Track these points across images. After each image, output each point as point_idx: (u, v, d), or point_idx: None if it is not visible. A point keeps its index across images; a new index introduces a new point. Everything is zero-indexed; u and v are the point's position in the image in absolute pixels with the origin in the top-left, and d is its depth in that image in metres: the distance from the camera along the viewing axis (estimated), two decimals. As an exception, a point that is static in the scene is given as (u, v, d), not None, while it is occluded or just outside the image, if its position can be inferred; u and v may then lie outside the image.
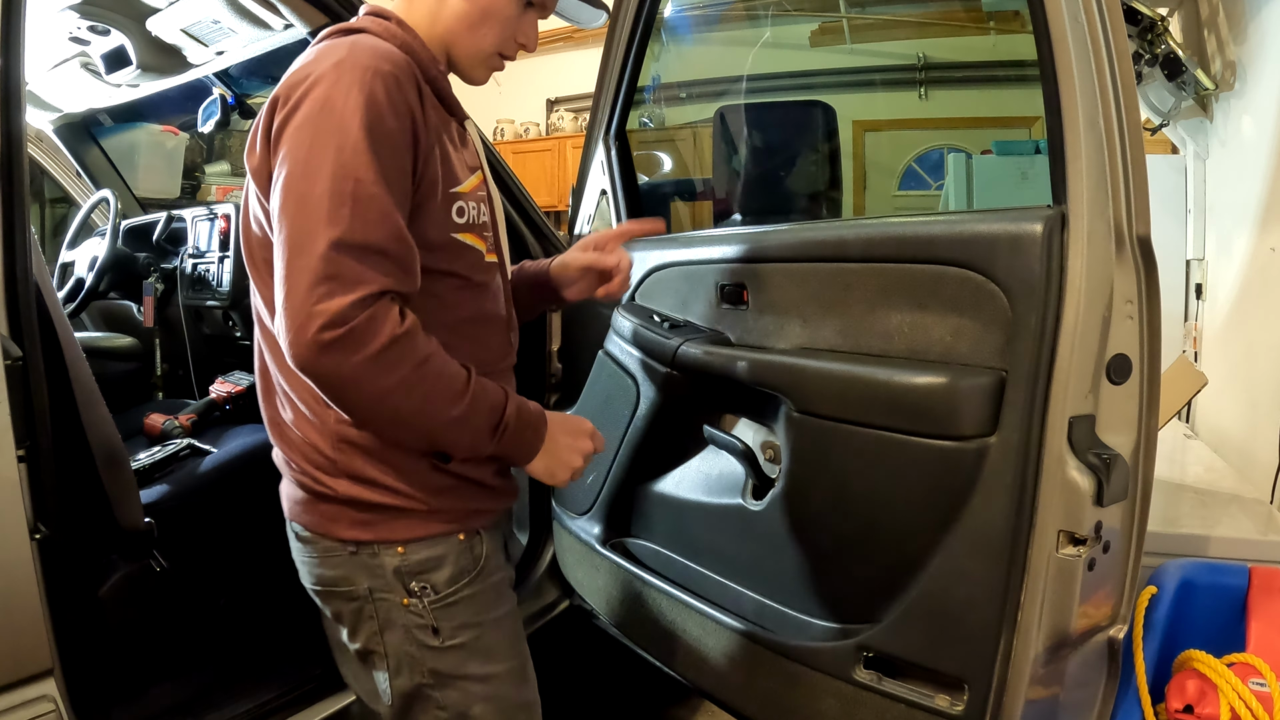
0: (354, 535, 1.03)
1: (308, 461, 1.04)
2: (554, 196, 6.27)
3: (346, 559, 1.04)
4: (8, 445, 1.07)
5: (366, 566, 1.04)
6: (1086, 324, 1.01)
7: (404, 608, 1.04)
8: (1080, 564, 1.03)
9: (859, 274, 1.24)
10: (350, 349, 0.87)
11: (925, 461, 1.11)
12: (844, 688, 1.24)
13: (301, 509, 1.07)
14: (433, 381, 0.94)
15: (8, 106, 1.10)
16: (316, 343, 0.86)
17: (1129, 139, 1.01)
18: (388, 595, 1.04)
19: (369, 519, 1.03)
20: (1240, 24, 2.24)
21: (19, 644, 1.11)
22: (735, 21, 3.43)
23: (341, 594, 1.06)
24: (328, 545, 1.05)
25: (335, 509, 1.04)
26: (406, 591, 1.04)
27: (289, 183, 0.91)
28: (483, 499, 1.09)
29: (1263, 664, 1.22)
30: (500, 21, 1.07)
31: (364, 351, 0.87)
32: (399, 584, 1.04)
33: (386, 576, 1.03)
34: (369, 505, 1.02)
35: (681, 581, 1.58)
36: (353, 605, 1.06)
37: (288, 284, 0.88)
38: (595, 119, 1.92)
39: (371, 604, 1.04)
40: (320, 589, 1.09)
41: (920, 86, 3.46)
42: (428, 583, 1.04)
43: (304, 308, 0.87)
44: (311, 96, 0.92)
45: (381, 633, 1.05)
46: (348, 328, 0.86)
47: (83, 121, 2.88)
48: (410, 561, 1.04)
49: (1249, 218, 2.20)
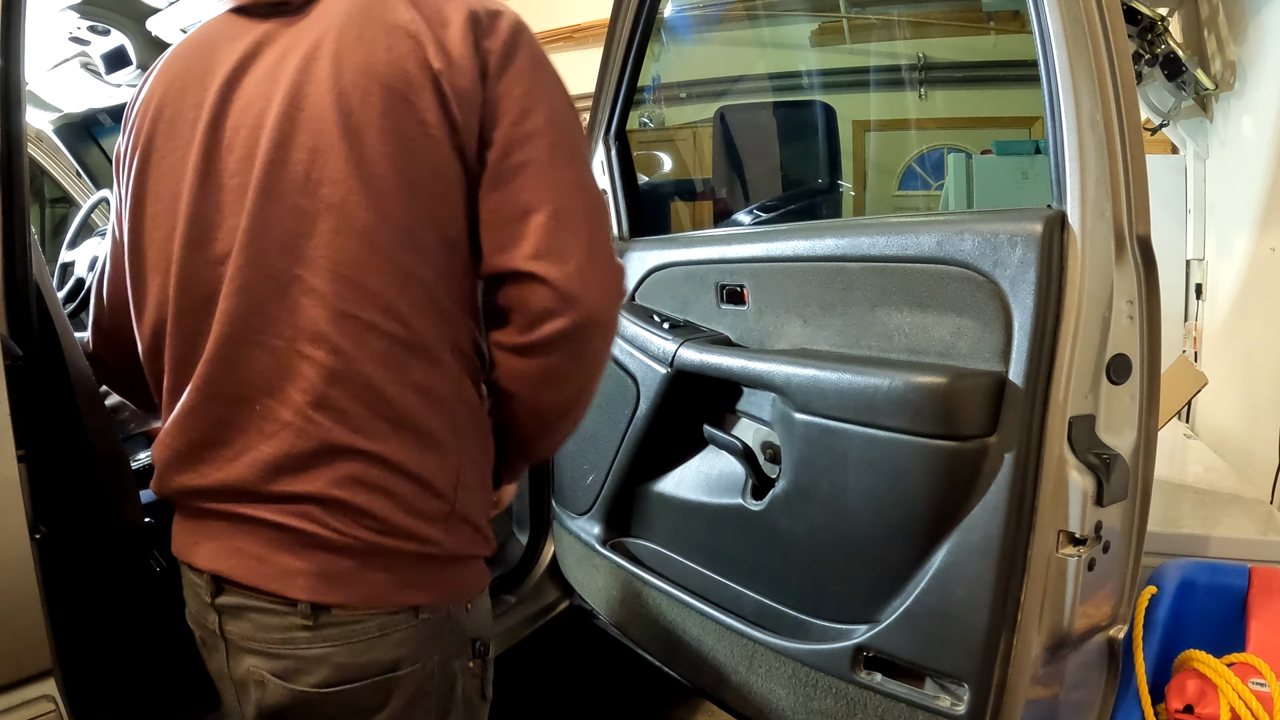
0: (432, 599, 0.85)
1: (406, 510, 0.82)
2: (554, 196, 6.26)
3: (415, 628, 0.84)
4: (8, 445, 1.07)
5: (440, 633, 0.86)
6: (1086, 324, 1.01)
7: (469, 672, 0.90)
8: (1080, 564, 1.03)
9: (859, 274, 1.24)
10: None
11: (925, 461, 1.11)
12: (844, 688, 1.24)
13: (345, 580, 0.82)
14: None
15: (8, 106, 1.10)
16: (622, 296, 0.87)
17: (1129, 139, 1.01)
18: (458, 663, 0.89)
19: (449, 574, 0.88)
20: (1240, 24, 2.24)
21: (19, 644, 1.11)
22: (735, 21, 3.43)
23: (401, 679, 0.84)
24: (385, 620, 0.83)
25: (421, 573, 0.85)
26: (472, 652, 0.90)
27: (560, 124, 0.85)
28: None
29: (1263, 664, 1.21)
30: None
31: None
32: (468, 646, 0.90)
33: (460, 640, 0.89)
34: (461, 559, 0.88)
35: (681, 581, 1.58)
36: (413, 690, 0.85)
37: (593, 230, 0.84)
38: (595, 119, 1.92)
39: (437, 679, 0.87)
40: (359, 685, 0.84)
41: (920, 86, 3.46)
42: (481, 639, 0.92)
43: (613, 266, 0.85)
44: (526, 40, 0.86)
45: (445, 709, 0.89)
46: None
47: (83, 121, 2.88)
48: (476, 619, 0.91)
49: (1249, 218, 2.19)
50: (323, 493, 0.80)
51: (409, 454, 0.82)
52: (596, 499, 1.76)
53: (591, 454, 1.75)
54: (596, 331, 0.83)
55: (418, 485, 0.82)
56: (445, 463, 0.84)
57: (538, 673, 2.15)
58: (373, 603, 0.82)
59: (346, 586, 0.82)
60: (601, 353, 0.87)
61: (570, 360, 0.84)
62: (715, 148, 2.51)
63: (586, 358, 0.85)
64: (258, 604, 0.83)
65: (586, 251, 0.81)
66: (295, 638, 0.83)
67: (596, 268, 0.82)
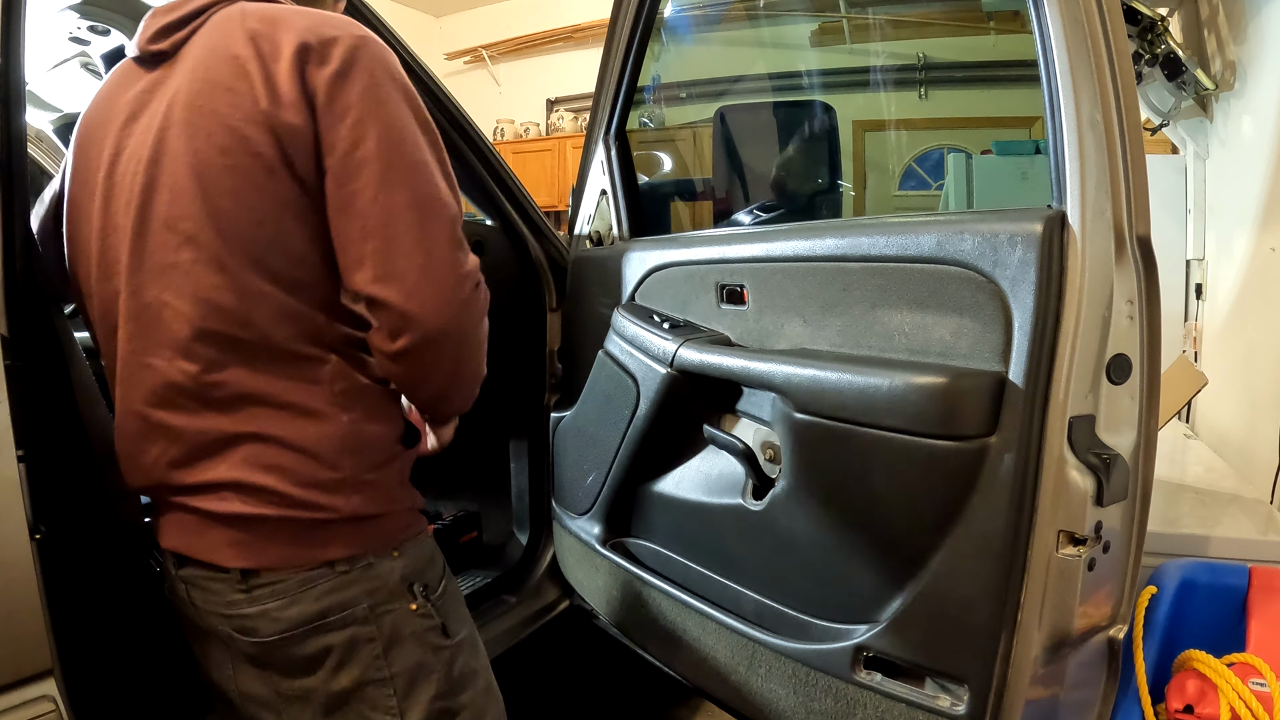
0: (344, 553, 0.95)
1: (297, 481, 0.93)
2: (554, 196, 6.27)
3: (334, 583, 0.95)
4: (8, 445, 1.07)
5: (363, 581, 0.96)
6: (1086, 324, 1.01)
7: (413, 613, 0.99)
8: (1080, 564, 1.03)
9: (859, 274, 1.24)
10: (481, 305, 0.95)
11: (925, 461, 1.11)
12: (844, 688, 1.24)
13: (267, 545, 0.94)
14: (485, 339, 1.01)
15: (8, 106, 1.10)
16: (467, 301, 0.92)
17: (1129, 139, 1.01)
18: (393, 606, 0.97)
19: (358, 530, 0.96)
20: (1240, 24, 2.24)
21: (19, 644, 1.11)
22: (735, 21, 3.43)
23: (327, 628, 0.95)
24: (304, 578, 0.94)
25: (325, 533, 0.94)
26: (411, 595, 0.99)
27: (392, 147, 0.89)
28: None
29: (1263, 664, 1.21)
30: None
31: (482, 305, 0.96)
32: (404, 589, 0.99)
33: (390, 585, 0.97)
34: (365, 518, 0.96)
35: (681, 582, 1.58)
36: (343, 636, 0.96)
37: (425, 249, 0.89)
38: (595, 119, 1.92)
39: (373, 624, 0.96)
40: (290, 634, 0.95)
41: (920, 86, 3.46)
42: (424, 582, 1.01)
43: (453, 270, 0.91)
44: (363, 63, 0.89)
45: (386, 654, 0.97)
46: (480, 285, 0.95)
47: (83, 121, 2.88)
48: (409, 565, 1.00)
49: (1249, 218, 2.19)
50: (228, 478, 0.93)
51: (292, 429, 0.93)
52: (596, 499, 1.76)
53: (591, 454, 1.76)
54: (444, 341, 0.92)
55: (305, 456, 0.93)
56: (329, 431, 0.94)
57: (538, 673, 2.15)
58: (289, 562, 0.94)
59: (265, 552, 0.94)
60: (459, 353, 0.95)
61: (427, 366, 0.94)
62: (715, 148, 2.52)
63: (443, 362, 0.95)
64: (205, 574, 0.98)
65: (419, 272, 0.89)
66: (236, 599, 0.96)
67: (431, 286, 0.89)
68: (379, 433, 0.99)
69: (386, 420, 1.01)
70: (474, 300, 0.94)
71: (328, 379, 0.95)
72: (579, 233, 1.99)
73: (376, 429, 0.99)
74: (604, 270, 1.82)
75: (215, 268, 0.90)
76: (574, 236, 2.00)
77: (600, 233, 1.94)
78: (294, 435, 0.93)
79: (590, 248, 1.95)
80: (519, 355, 2.06)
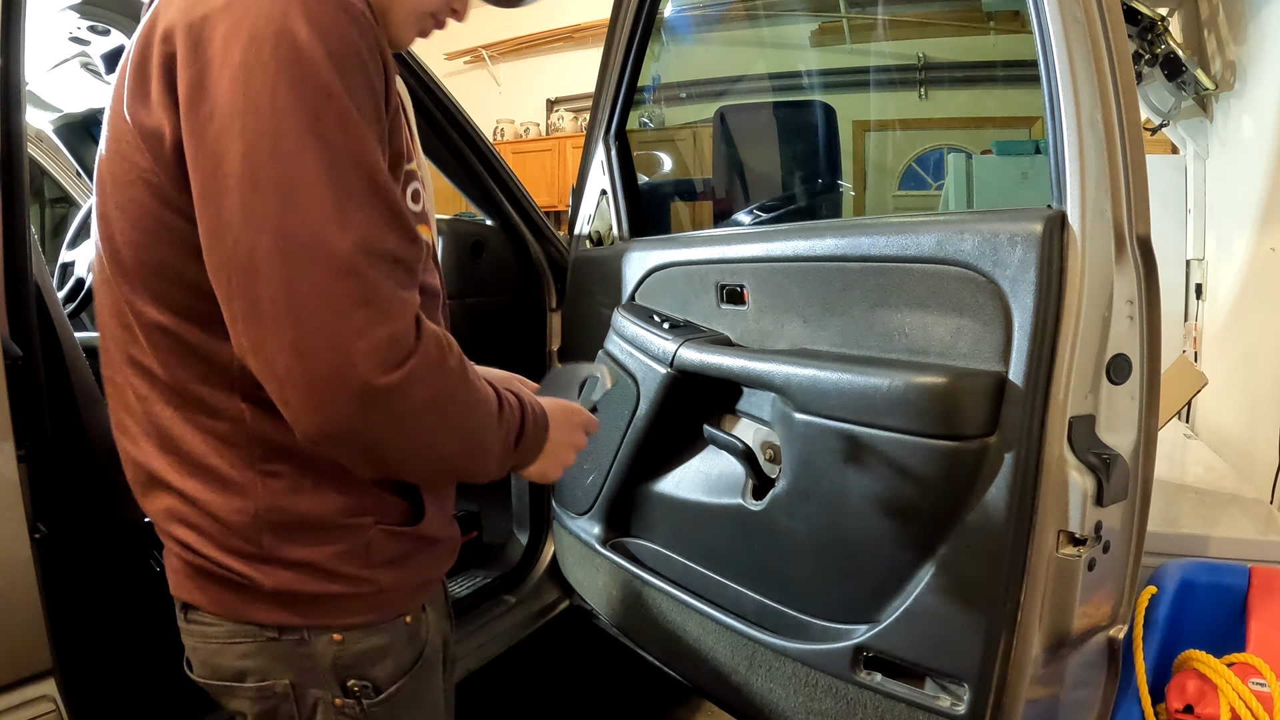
0: (276, 619, 0.80)
1: (216, 545, 0.78)
2: (554, 196, 6.28)
3: (262, 646, 0.81)
4: (8, 445, 1.07)
5: (291, 657, 0.81)
6: (1086, 324, 1.01)
7: (336, 709, 0.82)
8: (1080, 564, 1.03)
9: (859, 274, 1.24)
10: (407, 392, 0.67)
11: (925, 461, 1.11)
12: (844, 688, 1.24)
13: (197, 587, 0.82)
14: (476, 409, 0.76)
15: (8, 106, 1.10)
16: (371, 394, 0.65)
17: (1129, 139, 1.01)
18: (317, 692, 0.82)
19: (293, 602, 0.80)
20: (1240, 24, 2.24)
21: (18, 644, 1.11)
22: (735, 21, 3.43)
23: (249, 691, 0.82)
24: (231, 630, 0.81)
25: (252, 595, 0.80)
26: (342, 690, 0.82)
27: (247, 160, 0.64)
28: (438, 562, 0.92)
29: (1263, 664, 1.21)
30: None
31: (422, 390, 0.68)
32: (334, 679, 0.82)
33: (319, 670, 0.81)
34: (299, 594, 0.80)
35: (681, 582, 1.58)
36: (264, 706, 0.82)
37: (297, 336, 0.64)
38: (595, 119, 1.92)
39: (290, 703, 0.82)
40: (216, 684, 0.83)
41: (920, 86, 3.46)
42: (368, 680, 0.83)
43: (341, 343, 0.64)
44: (235, 51, 0.65)
45: None
46: (407, 368, 0.66)
47: (83, 121, 2.88)
48: (349, 653, 0.82)
49: (1249, 218, 2.19)
50: (154, 521, 0.82)
51: (206, 496, 0.78)
52: (596, 499, 1.76)
53: (591, 454, 1.76)
54: (348, 444, 0.69)
55: (220, 524, 0.78)
56: (242, 506, 0.77)
57: (538, 673, 2.15)
58: (218, 609, 0.81)
59: (197, 591, 0.82)
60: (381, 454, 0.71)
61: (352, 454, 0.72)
62: (715, 148, 2.52)
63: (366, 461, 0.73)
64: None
65: (293, 354, 0.64)
66: (182, 626, 0.86)
67: (308, 377, 0.65)
68: (314, 508, 0.79)
69: (334, 491, 0.79)
70: (390, 392, 0.66)
71: (245, 439, 0.76)
72: (579, 233, 1.99)
73: (310, 504, 0.78)
74: (604, 270, 1.82)
75: (110, 289, 0.78)
76: (574, 236, 2.00)
77: (600, 233, 1.94)
78: (208, 501, 0.78)
79: (590, 248, 1.95)
80: (519, 355, 2.06)
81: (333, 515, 0.80)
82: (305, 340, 0.64)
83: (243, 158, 0.64)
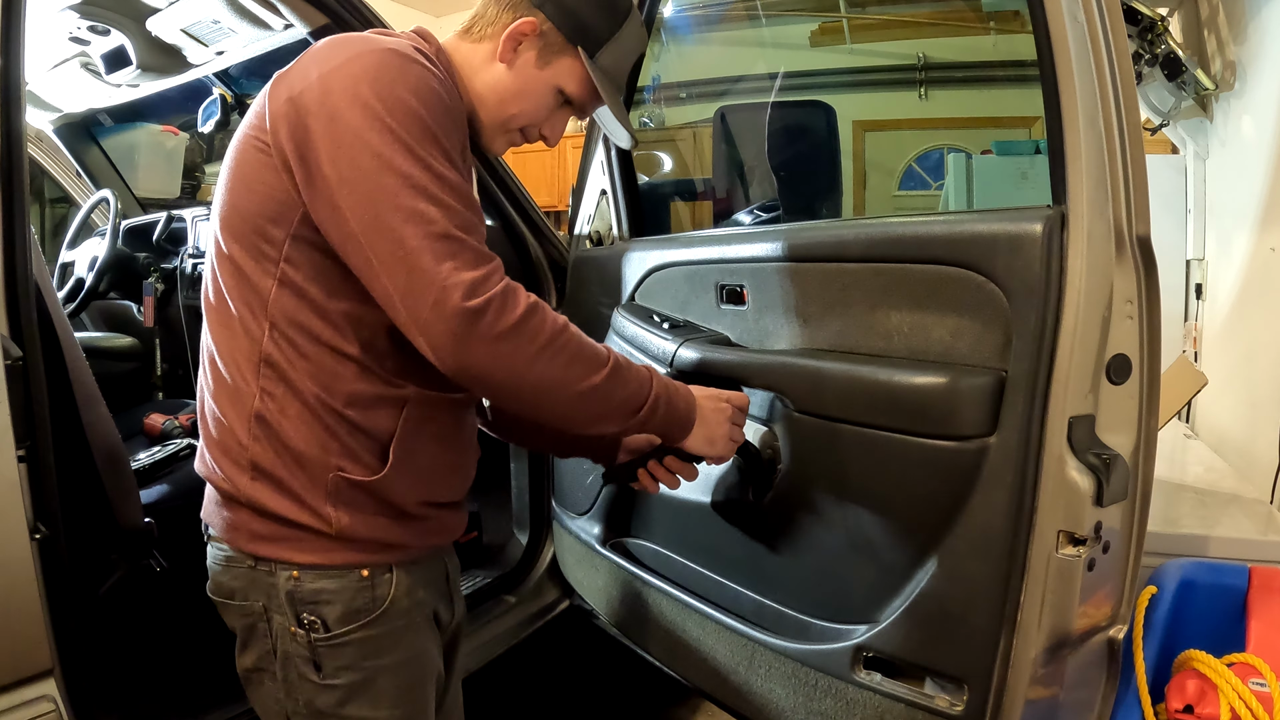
0: (252, 549, 0.97)
1: (223, 453, 0.97)
2: (554, 196, 6.26)
3: (246, 572, 0.98)
4: (8, 445, 1.07)
5: (264, 584, 0.97)
6: (1086, 324, 1.01)
7: (291, 636, 0.97)
8: (1080, 564, 1.03)
9: (859, 274, 1.24)
10: (495, 316, 0.85)
11: (925, 461, 1.11)
12: (844, 688, 1.24)
13: (214, 508, 1.01)
14: (575, 348, 0.92)
15: (8, 106, 1.10)
16: (461, 313, 0.84)
17: (1129, 139, 1.01)
18: (280, 618, 0.97)
19: (268, 533, 0.96)
20: (1240, 24, 2.24)
21: (19, 644, 1.11)
22: (735, 21, 3.43)
23: (236, 608, 1.00)
24: (230, 554, 0.99)
25: (239, 515, 0.97)
26: (296, 620, 0.96)
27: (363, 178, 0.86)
28: (400, 533, 0.99)
29: (1263, 664, 1.21)
30: (535, 107, 1.06)
31: (508, 318, 0.86)
32: (290, 610, 0.96)
33: (280, 599, 0.96)
34: (269, 514, 0.95)
35: (681, 581, 1.58)
36: (246, 621, 0.99)
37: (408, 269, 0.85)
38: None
39: (265, 623, 0.98)
40: (218, 599, 1.02)
41: (920, 86, 3.46)
42: (317, 617, 0.96)
43: (435, 281, 0.84)
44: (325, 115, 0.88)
45: (274, 651, 0.98)
46: (488, 295, 0.85)
47: (83, 121, 2.88)
48: (303, 589, 0.96)
49: (1249, 218, 2.20)
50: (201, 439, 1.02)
51: (223, 400, 0.97)
52: (596, 499, 1.76)
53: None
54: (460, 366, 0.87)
55: (225, 429, 0.96)
56: (241, 407, 0.95)
57: (538, 673, 2.15)
58: (222, 534, 0.99)
59: (214, 515, 1.01)
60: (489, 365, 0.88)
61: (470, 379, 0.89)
62: (715, 148, 2.52)
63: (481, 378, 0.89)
64: None
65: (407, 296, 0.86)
66: (209, 550, 1.04)
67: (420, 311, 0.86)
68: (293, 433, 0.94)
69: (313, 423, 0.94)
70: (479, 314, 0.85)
71: (257, 356, 0.94)
72: (579, 233, 1.99)
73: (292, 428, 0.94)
74: (604, 270, 1.82)
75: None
76: (574, 236, 2.00)
77: (600, 233, 1.94)
78: (224, 409, 0.97)
79: (590, 248, 1.95)
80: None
81: (306, 446, 0.93)
82: (415, 279, 0.85)
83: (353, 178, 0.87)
